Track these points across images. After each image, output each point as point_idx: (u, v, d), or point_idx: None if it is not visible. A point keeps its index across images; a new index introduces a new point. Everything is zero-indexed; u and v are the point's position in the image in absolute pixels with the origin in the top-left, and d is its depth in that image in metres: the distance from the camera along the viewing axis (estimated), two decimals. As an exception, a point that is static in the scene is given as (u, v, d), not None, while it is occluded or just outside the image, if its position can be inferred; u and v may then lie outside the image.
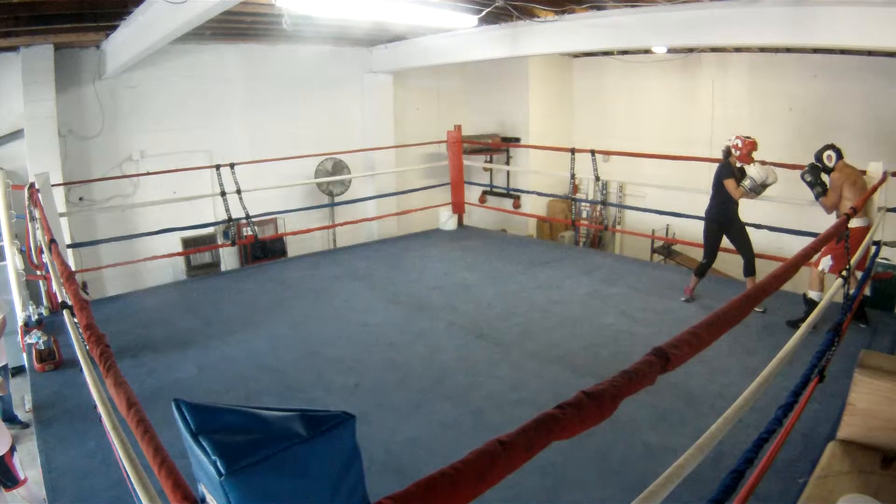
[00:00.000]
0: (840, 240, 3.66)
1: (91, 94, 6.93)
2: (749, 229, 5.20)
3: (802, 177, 4.45)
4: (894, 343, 4.03)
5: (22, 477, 3.69)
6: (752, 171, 4.50)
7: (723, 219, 4.77)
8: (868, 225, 4.12)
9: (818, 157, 4.35)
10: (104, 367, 1.56)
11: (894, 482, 2.22)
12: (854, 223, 4.03)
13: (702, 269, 4.95)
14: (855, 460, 2.34)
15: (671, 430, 3.13)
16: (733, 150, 4.61)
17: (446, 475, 0.85)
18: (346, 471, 0.88)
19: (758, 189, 4.51)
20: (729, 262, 7.87)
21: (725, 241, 4.91)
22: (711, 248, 4.87)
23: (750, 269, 4.72)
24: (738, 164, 4.65)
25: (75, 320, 2.18)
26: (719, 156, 4.82)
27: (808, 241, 2.75)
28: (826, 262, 4.17)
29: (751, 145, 4.56)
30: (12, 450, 3.66)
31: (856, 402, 2.46)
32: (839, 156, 4.26)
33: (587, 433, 1.11)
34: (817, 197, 4.42)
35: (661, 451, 2.93)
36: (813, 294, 4.30)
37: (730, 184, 4.59)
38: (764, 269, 4.41)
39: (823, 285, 4.24)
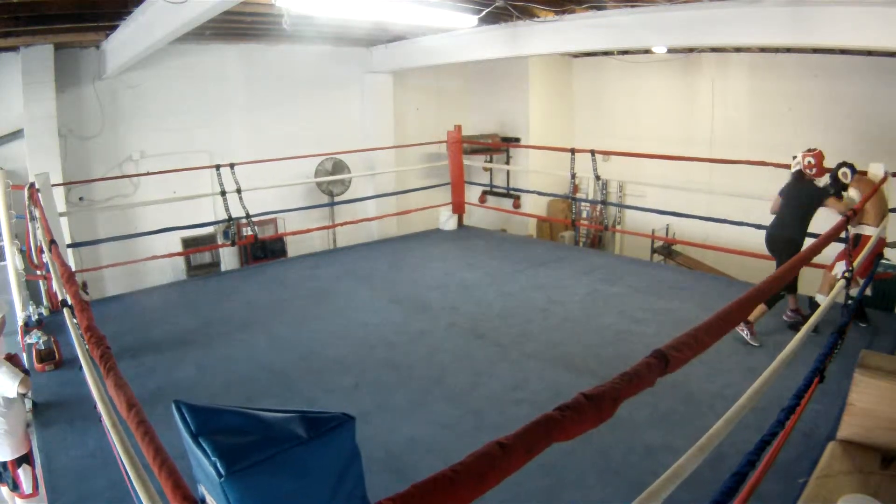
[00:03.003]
0: (856, 245, 3.69)
1: (91, 94, 6.93)
2: (750, 230, 5.20)
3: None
4: (894, 343, 4.03)
5: (28, 490, 3.50)
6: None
7: (802, 242, 4.31)
8: (883, 236, 4.13)
9: (834, 175, 4.32)
10: (104, 368, 1.56)
11: (894, 482, 2.22)
12: (867, 231, 4.02)
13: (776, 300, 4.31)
14: (855, 460, 2.34)
15: (671, 430, 3.13)
16: (807, 170, 4.27)
17: (446, 477, 0.85)
18: (345, 472, 0.88)
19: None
20: (729, 261, 7.90)
21: (730, 241, 4.63)
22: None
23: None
24: (819, 182, 4.33)
25: (75, 321, 2.19)
26: (719, 155, 4.74)
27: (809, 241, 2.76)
28: (840, 268, 4.13)
29: (821, 156, 4.30)
30: (22, 461, 3.45)
31: (856, 402, 2.46)
32: (854, 171, 4.25)
33: (587, 433, 1.11)
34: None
35: (661, 451, 2.93)
36: (820, 298, 4.27)
37: (833, 202, 4.17)
38: (767, 270, 4.42)
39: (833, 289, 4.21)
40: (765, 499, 2.35)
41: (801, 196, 4.28)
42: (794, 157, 4.38)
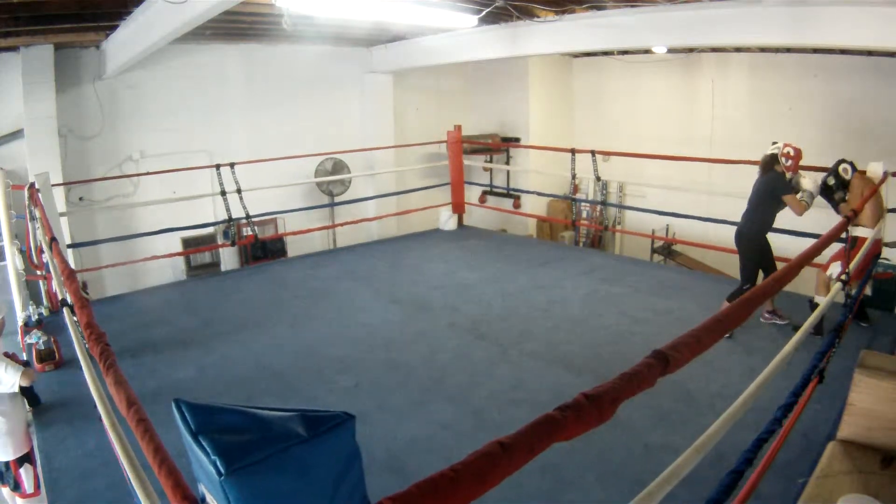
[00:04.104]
0: (853, 247, 3.69)
1: (91, 94, 6.93)
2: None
3: (825, 181, 4.30)
4: (894, 343, 4.03)
5: (29, 490, 3.50)
6: (809, 184, 4.16)
7: (762, 236, 4.25)
8: (879, 237, 4.11)
9: (834, 170, 4.29)
10: (104, 365, 1.56)
11: (894, 482, 2.22)
12: (863, 232, 4.00)
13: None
14: (855, 460, 2.34)
15: (671, 430, 3.13)
16: (783, 160, 4.15)
17: (446, 476, 0.85)
18: (345, 471, 0.88)
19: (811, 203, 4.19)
20: (729, 261, 7.90)
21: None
22: (755, 270, 4.26)
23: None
24: (790, 175, 4.22)
25: (75, 318, 2.18)
26: (719, 155, 4.72)
27: (808, 242, 2.76)
28: (835, 268, 4.12)
29: (800, 153, 4.20)
30: (23, 461, 3.45)
31: (856, 402, 2.46)
32: (854, 168, 4.25)
33: (586, 433, 1.11)
34: (839, 202, 4.27)
35: (660, 451, 2.93)
36: (819, 299, 4.25)
37: (792, 200, 4.08)
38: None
39: (830, 290, 4.19)
40: (765, 499, 2.35)
41: (766, 184, 4.20)
42: (774, 143, 4.29)
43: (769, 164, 4.24)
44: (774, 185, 4.16)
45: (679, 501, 1.56)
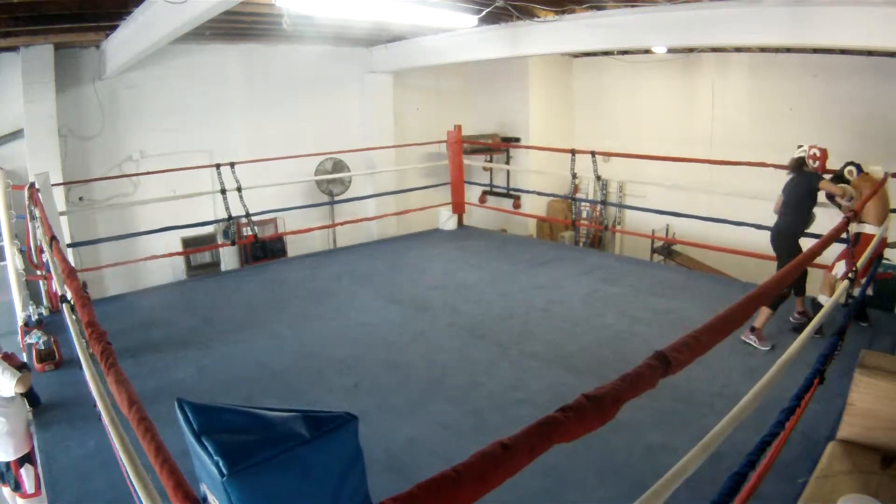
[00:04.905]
0: (856, 244, 3.69)
1: (91, 94, 6.93)
2: (750, 230, 5.20)
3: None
4: (894, 343, 4.03)
5: (30, 490, 3.52)
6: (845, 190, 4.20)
7: (800, 234, 4.25)
8: (884, 235, 4.12)
9: (840, 173, 4.30)
10: (105, 364, 1.56)
11: (894, 482, 2.22)
12: (869, 229, 4.01)
13: (782, 301, 4.15)
14: (855, 460, 2.34)
15: (672, 430, 3.13)
16: (810, 161, 4.23)
17: (448, 477, 0.85)
18: (348, 471, 0.88)
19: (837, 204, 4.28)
20: (729, 261, 7.90)
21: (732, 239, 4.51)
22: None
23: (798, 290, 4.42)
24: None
25: (76, 317, 2.18)
26: (719, 156, 4.70)
27: (812, 242, 2.75)
28: (840, 268, 4.11)
29: (826, 154, 4.26)
30: (24, 461, 3.47)
31: (856, 402, 2.46)
32: (860, 170, 4.25)
33: (588, 434, 1.11)
34: (840, 205, 4.29)
35: (661, 451, 2.93)
36: (822, 298, 4.24)
37: (826, 184, 4.15)
38: (767, 270, 4.41)
39: (834, 290, 4.19)
40: (765, 499, 2.34)
41: (798, 186, 4.25)
42: (800, 147, 4.32)
43: (798, 165, 4.27)
44: (811, 180, 4.18)
45: (679, 502, 1.56)
